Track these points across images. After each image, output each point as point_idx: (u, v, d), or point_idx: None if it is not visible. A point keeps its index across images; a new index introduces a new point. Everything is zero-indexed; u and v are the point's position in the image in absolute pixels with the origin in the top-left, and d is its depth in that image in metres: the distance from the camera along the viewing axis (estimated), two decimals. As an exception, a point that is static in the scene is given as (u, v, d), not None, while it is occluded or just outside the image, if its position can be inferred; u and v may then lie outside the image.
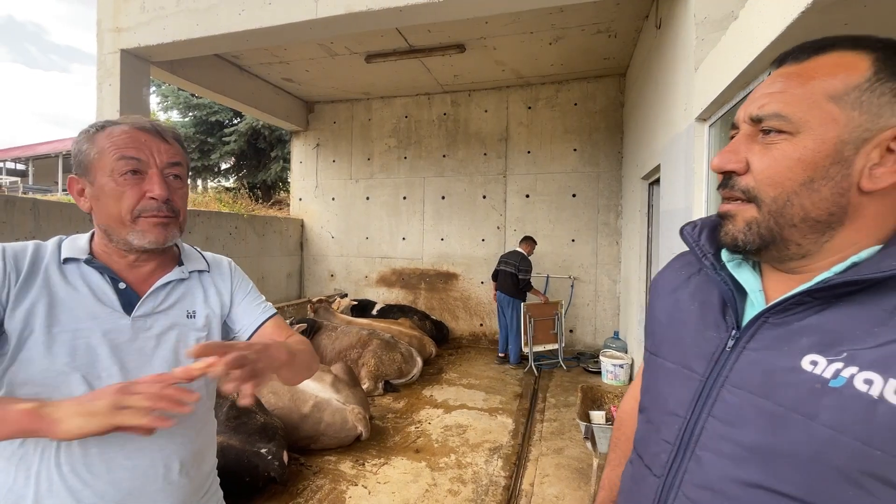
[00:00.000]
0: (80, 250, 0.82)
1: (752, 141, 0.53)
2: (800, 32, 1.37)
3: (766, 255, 0.55)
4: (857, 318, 0.47)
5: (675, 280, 0.69)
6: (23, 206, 3.58)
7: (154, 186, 0.80)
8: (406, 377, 4.49)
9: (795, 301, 0.50)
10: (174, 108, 10.01)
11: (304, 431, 3.02)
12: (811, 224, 0.50)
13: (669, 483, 0.58)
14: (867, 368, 0.44)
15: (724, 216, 0.56)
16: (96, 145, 0.80)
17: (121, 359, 0.79)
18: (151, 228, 0.81)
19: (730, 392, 0.53)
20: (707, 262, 0.61)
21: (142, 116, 0.85)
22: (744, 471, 0.50)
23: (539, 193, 6.12)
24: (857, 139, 0.47)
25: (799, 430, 0.47)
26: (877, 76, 0.47)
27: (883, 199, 0.49)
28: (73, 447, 0.74)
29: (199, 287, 0.92)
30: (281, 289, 6.77)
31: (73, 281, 0.79)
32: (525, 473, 2.88)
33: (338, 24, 3.66)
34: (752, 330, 0.54)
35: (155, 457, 0.80)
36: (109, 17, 4.19)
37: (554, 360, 5.23)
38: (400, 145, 6.73)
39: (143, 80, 4.38)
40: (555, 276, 6.03)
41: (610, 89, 5.81)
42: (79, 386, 0.74)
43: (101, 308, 0.79)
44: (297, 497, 2.58)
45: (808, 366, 0.47)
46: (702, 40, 2.42)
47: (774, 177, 0.51)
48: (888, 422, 0.42)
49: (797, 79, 0.50)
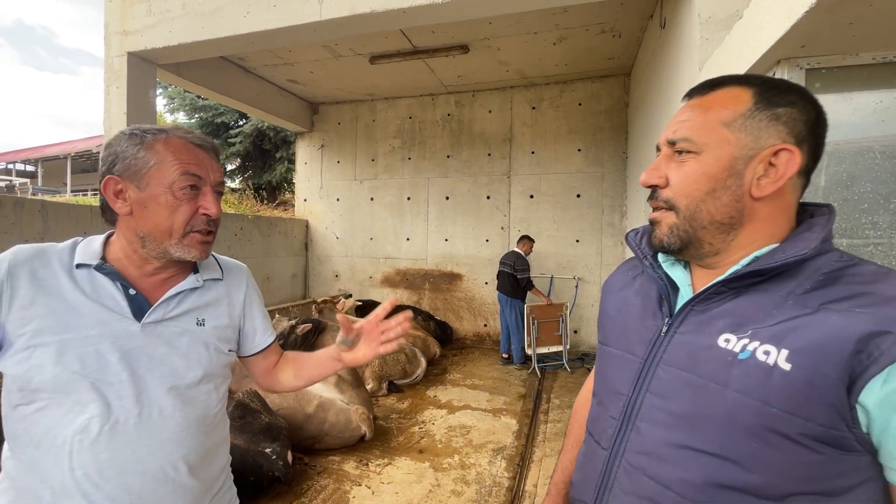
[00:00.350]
0: (93, 255, 0.82)
1: (670, 160, 0.64)
2: (805, 31, 1.36)
3: (688, 254, 0.65)
4: (760, 303, 0.58)
5: (623, 280, 0.80)
6: (32, 207, 3.62)
7: (210, 205, 0.83)
8: (410, 377, 4.50)
9: (714, 291, 0.61)
10: (180, 110, 10.08)
11: (309, 431, 3.03)
12: (717, 226, 0.61)
13: (615, 453, 0.67)
14: (766, 342, 0.54)
15: (653, 223, 0.68)
16: (155, 154, 0.80)
17: (131, 365, 0.79)
18: (197, 244, 0.83)
19: (663, 370, 0.63)
20: (647, 263, 0.72)
21: (191, 130, 0.87)
22: (673, 435, 0.60)
23: (543, 194, 6.11)
24: (746, 156, 0.59)
25: (715, 396, 0.56)
26: (756, 106, 0.59)
27: (772, 204, 0.60)
28: (85, 453, 0.75)
29: (213, 295, 0.93)
30: (286, 289, 6.80)
31: (83, 287, 0.79)
32: (529, 474, 2.88)
33: (342, 25, 3.67)
34: (681, 317, 0.64)
35: (164, 461, 0.80)
36: (116, 21, 4.23)
37: (558, 361, 5.22)
38: (404, 146, 6.74)
39: (149, 83, 4.42)
40: (559, 276, 6.01)
41: (614, 89, 5.79)
42: (89, 392, 0.75)
43: (110, 315, 0.79)
44: (302, 497, 2.60)
45: (723, 343, 0.58)
46: (706, 40, 2.41)
47: (686, 188, 0.62)
48: (779, 383, 0.52)
49: (699, 109, 0.62)
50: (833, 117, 1.56)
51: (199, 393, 0.86)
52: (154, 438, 0.79)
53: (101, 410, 0.75)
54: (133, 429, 0.77)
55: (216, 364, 0.90)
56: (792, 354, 0.52)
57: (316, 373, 1.03)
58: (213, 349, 0.89)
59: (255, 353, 1.01)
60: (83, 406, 0.75)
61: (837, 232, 1.52)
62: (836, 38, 1.39)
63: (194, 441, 0.85)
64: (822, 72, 1.51)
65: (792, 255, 0.56)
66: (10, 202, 3.48)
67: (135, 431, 0.78)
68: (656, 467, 0.61)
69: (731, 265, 0.62)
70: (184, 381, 0.84)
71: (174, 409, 0.82)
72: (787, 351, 0.52)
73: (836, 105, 1.52)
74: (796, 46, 1.45)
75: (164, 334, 0.83)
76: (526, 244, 5.31)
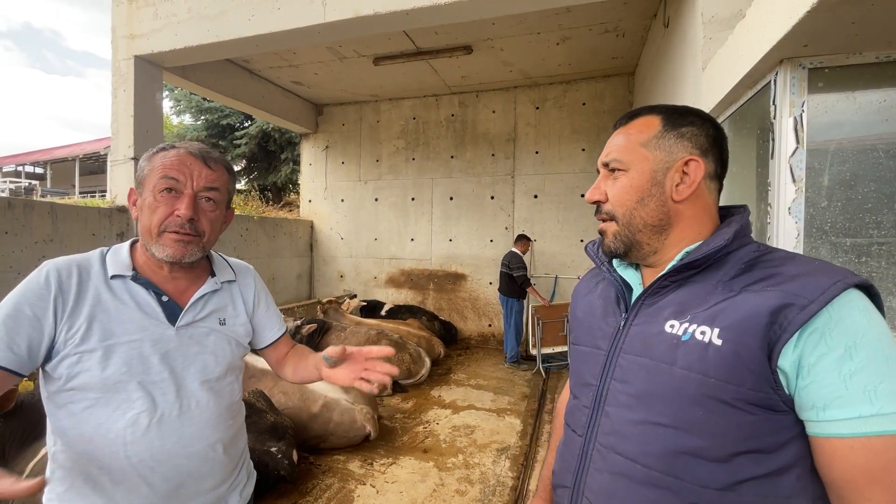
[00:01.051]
0: (125, 266, 0.90)
1: (606, 179, 0.76)
2: (807, 31, 1.36)
3: (633, 255, 0.75)
4: (696, 292, 0.67)
5: (588, 287, 0.90)
6: (41, 209, 3.67)
7: (181, 206, 0.88)
8: (414, 377, 4.51)
9: (658, 285, 0.71)
10: (186, 112, 10.16)
11: (314, 431, 3.05)
12: (651, 228, 0.72)
13: (589, 437, 0.75)
14: (702, 324, 0.63)
15: (601, 233, 0.78)
16: (151, 163, 0.90)
17: (170, 364, 0.89)
18: (171, 244, 0.88)
19: (623, 358, 0.72)
20: (605, 269, 0.83)
21: (199, 143, 0.95)
22: (634, 413, 0.68)
23: (547, 194, 6.11)
24: (663, 168, 0.71)
25: (664, 374, 0.65)
26: (664, 128, 0.72)
27: (694, 205, 0.71)
28: (138, 443, 0.85)
29: (229, 296, 1.03)
30: (291, 289, 6.84)
31: (121, 296, 0.88)
32: (533, 474, 2.88)
33: (346, 27, 3.70)
34: (635, 311, 0.74)
35: (206, 443, 0.92)
36: (123, 24, 4.27)
37: (563, 361, 5.21)
38: (408, 147, 6.76)
39: (156, 85, 4.46)
40: (564, 276, 6.00)
41: (618, 89, 5.78)
42: (136, 390, 0.85)
43: (148, 321, 0.89)
44: (307, 495, 2.62)
45: (668, 328, 0.67)
46: (709, 39, 2.40)
47: (620, 199, 0.73)
48: (714, 356, 0.60)
49: (623, 135, 0.75)
50: (836, 116, 1.56)
51: (225, 384, 0.98)
52: (195, 426, 0.91)
53: (148, 406, 0.86)
54: (177, 419, 0.88)
55: (237, 357, 1.02)
56: (722, 331, 0.61)
57: (305, 374, 1.11)
58: (235, 344, 1.01)
59: (267, 345, 1.12)
60: (131, 403, 0.85)
61: (841, 231, 1.52)
62: (839, 37, 1.39)
63: (225, 425, 0.97)
64: (825, 71, 1.51)
65: (713, 247, 0.66)
66: (20, 204, 3.53)
67: (178, 421, 0.89)
68: (623, 444, 0.69)
69: (670, 261, 0.72)
70: (214, 375, 0.95)
71: (208, 400, 0.93)
72: (718, 329, 0.61)
73: (839, 104, 1.52)
74: (799, 46, 1.45)
75: (195, 335, 0.93)
76: (523, 244, 5.34)
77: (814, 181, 1.54)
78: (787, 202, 1.55)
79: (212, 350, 0.95)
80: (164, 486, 0.88)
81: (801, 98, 1.53)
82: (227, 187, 0.96)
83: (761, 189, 1.78)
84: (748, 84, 1.84)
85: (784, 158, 1.56)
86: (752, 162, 1.92)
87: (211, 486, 0.95)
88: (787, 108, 1.54)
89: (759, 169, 1.84)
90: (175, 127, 11.21)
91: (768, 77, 1.65)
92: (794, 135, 1.54)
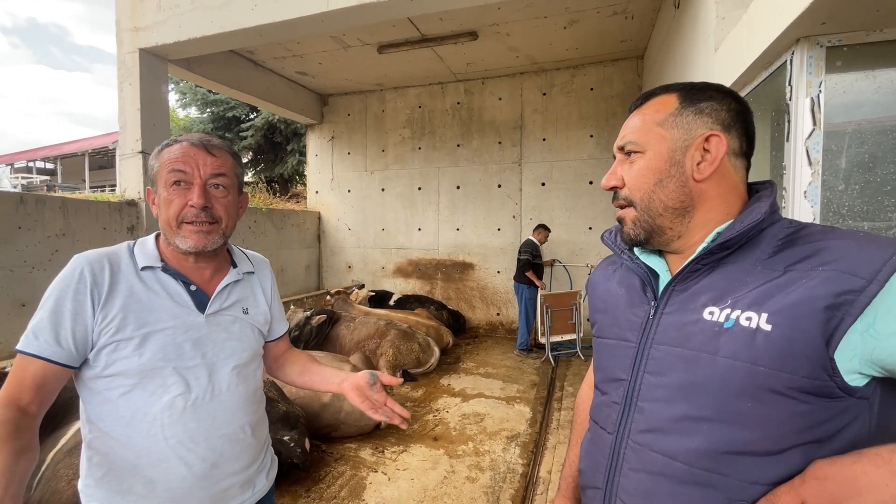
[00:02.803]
0: (153, 258, 0.94)
1: (622, 163, 0.73)
2: (826, 8, 1.32)
3: (655, 242, 0.71)
4: (732, 274, 0.64)
5: (605, 276, 0.86)
6: (52, 204, 3.71)
7: (193, 195, 0.91)
8: (424, 367, 4.54)
9: (690, 269, 0.67)
10: (192, 105, 10.17)
11: (325, 420, 3.09)
12: (672, 212, 0.68)
13: (620, 435, 0.70)
14: (746, 309, 0.59)
15: (619, 220, 0.75)
16: (159, 160, 0.93)
17: (202, 350, 0.93)
18: (191, 234, 0.92)
19: (656, 349, 0.68)
20: (625, 257, 0.78)
21: (201, 133, 0.97)
22: (674, 408, 0.64)
23: (555, 181, 6.05)
24: (681, 147, 0.67)
25: (707, 365, 0.61)
26: (681, 105, 0.68)
27: (718, 184, 0.67)
28: (176, 425, 0.89)
29: (250, 287, 1.07)
30: (299, 281, 6.89)
31: (152, 286, 0.92)
32: (542, 461, 2.90)
33: (349, 15, 3.65)
34: (665, 298, 0.70)
35: (236, 425, 0.97)
36: (127, 17, 4.26)
37: (572, 349, 5.21)
38: (414, 136, 6.72)
39: (161, 78, 4.46)
40: (572, 264, 5.97)
41: (627, 73, 5.67)
42: (171, 375, 0.89)
43: (180, 309, 0.93)
44: (320, 483, 2.66)
45: (707, 316, 0.63)
46: (722, 19, 2.34)
47: (637, 183, 0.70)
48: (763, 343, 0.57)
49: (638, 117, 0.72)
50: (854, 96, 1.52)
51: (250, 370, 1.02)
52: (226, 409, 0.95)
53: (183, 390, 0.90)
54: (209, 402, 0.93)
55: (259, 345, 1.06)
56: (771, 316, 0.57)
57: (319, 381, 1.15)
58: (258, 332, 1.05)
59: (274, 338, 1.15)
60: (166, 388, 0.88)
61: (859, 215, 1.48)
62: (858, 14, 1.34)
63: (252, 408, 1.02)
64: (844, 49, 1.46)
65: (749, 223, 0.62)
66: (31, 199, 3.58)
67: (211, 404, 0.93)
68: (661, 441, 0.64)
69: (698, 244, 0.68)
70: (241, 361, 0.99)
71: (237, 385, 0.98)
72: (766, 314, 0.57)
73: (858, 83, 1.47)
74: (816, 23, 1.40)
75: (222, 323, 0.97)
76: (539, 233, 5.35)
77: (830, 164, 1.50)
78: (802, 185, 1.52)
79: (238, 337, 0.99)
80: (201, 466, 0.91)
81: (818, 78, 1.48)
82: (234, 171, 0.98)
83: (776, 172, 1.74)
84: (763, 64, 1.79)
85: (800, 141, 1.52)
86: (767, 145, 1.88)
87: (242, 466, 0.99)
88: (804, 88, 1.50)
89: (774, 152, 1.80)
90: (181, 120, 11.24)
91: (784, 57, 1.60)
92: (810, 116, 1.49)
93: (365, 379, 1.04)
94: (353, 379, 1.07)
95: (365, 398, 1.03)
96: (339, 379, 1.10)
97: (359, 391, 1.03)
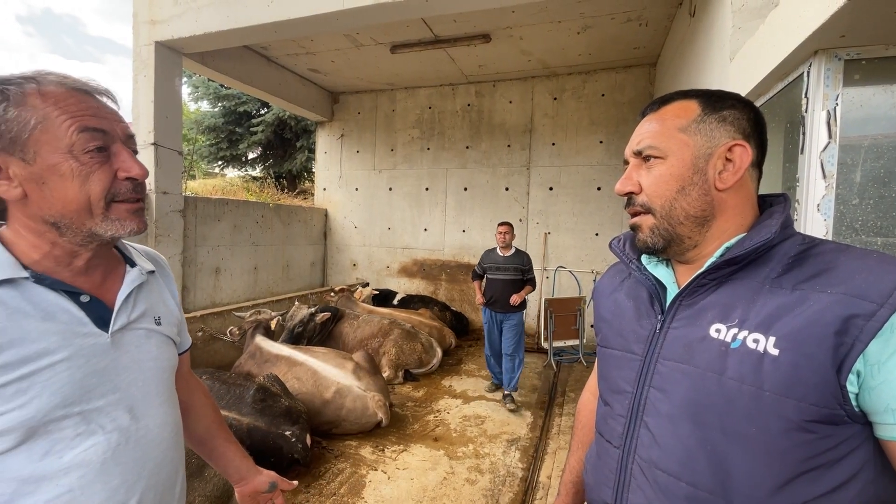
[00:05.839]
0: (8, 265, 0.63)
1: (639, 168, 0.70)
2: (845, 21, 1.31)
3: (671, 251, 0.70)
4: (740, 291, 0.62)
5: (612, 285, 0.84)
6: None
7: (131, 165, 0.68)
8: (426, 367, 4.54)
9: (697, 284, 0.66)
10: (204, 99, 10.23)
11: (327, 416, 3.10)
12: (693, 220, 0.66)
13: (627, 450, 0.69)
14: (754, 330, 0.58)
15: (634, 227, 0.72)
16: (33, 110, 0.62)
17: (113, 382, 0.69)
18: (130, 216, 0.69)
19: (662, 364, 0.67)
20: (633, 267, 0.76)
21: (67, 74, 0.68)
22: (677, 426, 0.63)
23: (563, 186, 6.04)
24: (704, 154, 0.65)
25: (713, 384, 0.60)
26: (703, 112, 0.66)
27: (737, 194, 0.66)
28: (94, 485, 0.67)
29: (156, 289, 0.83)
30: (305, 277, 6.91)
31: (17, 307, 0.62)
32: (542, 466, 2.89)
33: (364, 14, 3.67)
34: (672, 312, 0.68)
35: (170, 468, 0.81)
36: (145, 10, 4.30)
37: (575, 354, 5.20)
38: (423, 136, 6.73)
39: (175, 71, 4.49)
40: (578, 270, 5.96)
41: (639, 80, 5.65)
42: (77, 425, 0.65)
43: (71, 330, 0.66)
44: (320, 479, 2.66)
45: (714, 333, 0.62)
46: (738, 29, 2.33)
47: (658, 190, 0.67)
48: (770, 368, 0.55)
49: (657, 121, 0.69)
50: (872, 111, 1.51)
51: (174, 395, 0.82)
52: (160, 449, 0.75)
53: (97, 439, 0.67)
54: (136, 446, 0.71)
55: (176, 362, 0.85)
56: (779, 340, 0.56)
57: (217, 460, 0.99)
58: (173, 346, 0.84)
59: (180, 352, 0.90)
60: (69, 441, 0.64)
61: (873, 230, 1.47)
62: (878, 27, 1.33)
63: (181, 444, 0.83)
64: (862, 63, 1.45)
65: (758, 241, 0.61)
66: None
67: (137, 449, 0.71)
68: (665, 460, 0.63)
69: (709, 256, 0.67)
70: (167, 386, 0.79)
71: (167, 416, 0.78)
72: (773, 338, 0.56)
73: (876, 98, 1.46)
74: (835, 36, 1.40)
75: (134, 340, 0.74)
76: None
77: (845, 177, 1.49)
78: (816, 198, 1.51)
79: (155, 356, 0.76)
80: None
81: (835, 91, 1.47)
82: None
83: (788, 184, 1.73)
84: (779, 76, 1.78)
85: (815, 153, 1.51)
86: (780, 156, 1.87)
87: None
88: (821, 101, 1.49)
89: (787, 164, 1.79)
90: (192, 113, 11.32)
91: (801, 69, 1.59)
92: (826, 129, 1.48)
93: (265, 487, 1.00)
94: (253, 484, 1.00)
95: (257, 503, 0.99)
96: (239, 476, 0.99)
97: (253, 498, 1.00)
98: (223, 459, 0.99)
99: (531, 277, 4.04)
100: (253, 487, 1.00)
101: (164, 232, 4.38)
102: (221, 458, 0.99)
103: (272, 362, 3.59)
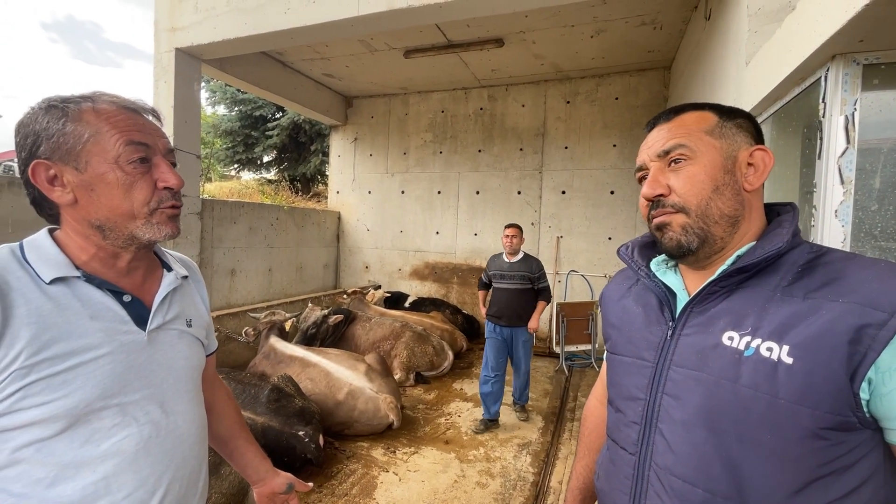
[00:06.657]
0: (63, 264, 0.70)
1: (663, 171, 0.70)
2: (864, 24, 1.29)
3: (701, 252, 0.68)
4: (752, 299, 0.63)
5: (620, 291, 0.84)
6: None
7: (169, 176, 0.75)
8: (437, 370, 4.56)
9: (708, 291, 0.67)
10: (221, 103, 10.44)
11: (339, 417, 3.13)
12: (727, 220, 0.66)
13: (643, 457, 0.69)
14: (767, 339, 0.58)
15: (661, 227, 0.70)
16: (87, 125, 0.69)
17: (147, 378, 0.74)
18: (168, 221, 0.76)
19: (675, 371, 0.67)
20: (642, 273, 0.77)
21: (119, 94, 0.75)
22: (692, 433, 0.63)
23: (576, 190, 6.02)
24: (730, 157, 0.67)
25: (727, 391, 0.60)
26: (721, 119, 0.68)
27: (758, 197, 0.68)
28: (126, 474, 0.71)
29: (188, 294, 0.89)
30: (318, 279, 6.98)
31: (68, 304, 0.68)
32: (554, 471, 2.88)
33: (379, 21, 3.72)
34: (683, 319, 0.69)
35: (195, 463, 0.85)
36: (166, 18, 4.42)
37: (587, 359, 5.16)
38: (436, 140, 6.77)
39: (194, 77, 4.60)
40: (590, 274, 5.92)
41: (653, 83, 5.61)
42: (114, 416, 0.70)
43: (114, 328, 0.72)
44: (332, 479, 2.69)
45: (727, 341, 0.62)
46: (754, 33, 2.31)
47: (693, 189, 0.66)
48: (785, 377, 0.56)
49: (678, 126, 0.69)
50: (891, 115, 1.49)
51: (200, 393, 0.88)
52: (186, 445, 0.79)
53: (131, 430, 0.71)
54: (165, 439, 0.76)
55: (204, 363, 0.91)
56: (793, 349, 0.56)
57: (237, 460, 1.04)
58: (202, 348, 0.89)
59: (208, 354, 0.95)
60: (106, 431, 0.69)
61: (892, 236, 1.45)
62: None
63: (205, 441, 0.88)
64: (882, 67, 1.43)
65: (771, 250, 0.62)
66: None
67: (167, 441, 0.76)
68: (681, 466, 0.64)
69: (720, 264, 0.68)
70: (195, 385, 0.85)
71: (195, 414, 0.83)
72: (787, 346, 0.57)
73: (895, 102, 1.44)
74: (854, 41, 1.38)
75: (168, 340, 0.79)
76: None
77: (864, 183, 1.47)
78: (834, 204, 1.49)
79: (186, 355, 0.82)
80: None
81: (853, 96, 1.46)
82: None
83: (805, 190, 1.71)
84: (796, 80, 1.77)
85: (832, 159, 1.49)
86: (797, 162, 1.85)
87: None
88: (839, 105, 1.47)
89: (804, 169, 1.77)
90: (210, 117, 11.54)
91: (818, 73, 1.58)
92: (844, 134, 1.47)
93: (282, 488, 1.04)
94: (270, 485, 1.04)
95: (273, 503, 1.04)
96: (258, 476, 1.04)
97: (270, 498, 1.04)
98: (243, 460, 1.04)
99: (543, 287, 3.48)
100: (270, 488, 1.04)
101: (182, 234, 4.47)
102: (241, 458, 1.04)
103: (286, 363, 3.64)
